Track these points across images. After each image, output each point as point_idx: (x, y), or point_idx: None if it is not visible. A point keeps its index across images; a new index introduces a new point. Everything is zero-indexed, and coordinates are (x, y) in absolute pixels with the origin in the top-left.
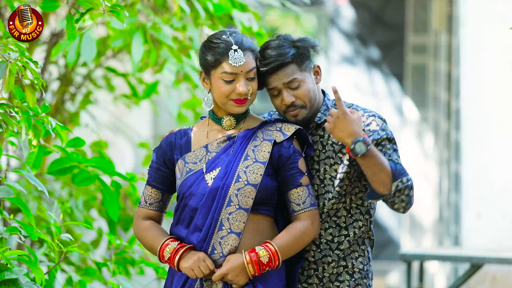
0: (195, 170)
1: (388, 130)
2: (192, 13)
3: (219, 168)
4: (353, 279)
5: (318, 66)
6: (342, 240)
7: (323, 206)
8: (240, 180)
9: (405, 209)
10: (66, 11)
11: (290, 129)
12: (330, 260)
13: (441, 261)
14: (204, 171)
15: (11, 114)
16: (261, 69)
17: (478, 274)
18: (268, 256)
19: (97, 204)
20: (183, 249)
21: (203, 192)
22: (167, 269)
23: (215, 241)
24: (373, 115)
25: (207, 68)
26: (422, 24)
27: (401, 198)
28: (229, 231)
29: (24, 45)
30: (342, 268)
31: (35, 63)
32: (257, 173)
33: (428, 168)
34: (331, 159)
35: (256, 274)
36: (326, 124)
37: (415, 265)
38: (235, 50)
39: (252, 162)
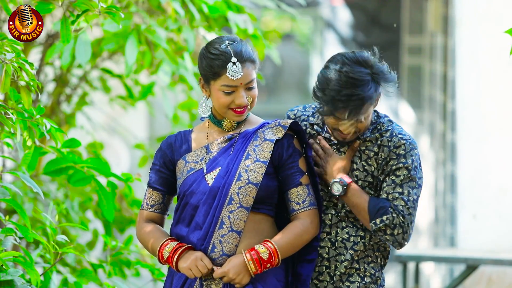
0: (196, 169)
1: (411, 158)
2: (187, 15)
3: (219, 168)
4: (364, 282)
5: (379, 95)
6: (358, 241)
7: (341, 207)
8: (241, 178)
9: (398, 246)
10: (61, 12)
11: (287, 122)
12: (343, 259)
13: (437, 262)
14: (204, 171)
15: (7, 115)
16: (336, 109)
17: (474, 275)
18: (268, 252)
19: (93, 206)
20: (181, 249)
21: (204, 190)
22: (163, 270)
23: (215, 239)
24: (404, 139)
25: (207, 77)
26: (418, 26)
27: (385, 237)
28: (230, 229)
29: (19, 47)
30: (354, 270)
31: (31, 64)
32: (258, 172)
33: (424, 169)
34: (354, 164)
35: (258, 271)
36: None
37: (411, 266)
38: (234, 63)
39: (253, 161)
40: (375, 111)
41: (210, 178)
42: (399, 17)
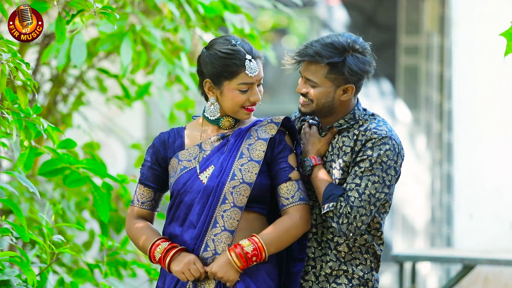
0: (190, 168)
1: (377, 152)
2: (183, 15)
3: (212, 166)
4: (351, 284)
5: (352, 88)
6: (342, 242)
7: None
8: (235, 178)
9: (343, 235)
10: (57, 12)
11: (279, 118)
12: (328, 259)
13: (433, 262)
14: (198, 171)
15: (3, 116)
16: (296, 54)
17: (470, 275)
18: (252, 246)
19: (89, 206)
20: (174, 251)
21: (198, 189)
22: (159, 270)
23: (208, 238)
24: (377, 134)
25: (220, 78)
26: (414, 26)
27: (333, 224)
28: (223, 228)
29: (15, 47)
30: (342, 271)
31: (27, 64)
32: (252, 172)
33: (420, 169)
34: (333, 163)
35: (244, 266)
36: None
37: (407, 266)
38: (250, 60)
39: (247, 160)
40: (364, 109)
41: (204, 177)
42: (396, 17)
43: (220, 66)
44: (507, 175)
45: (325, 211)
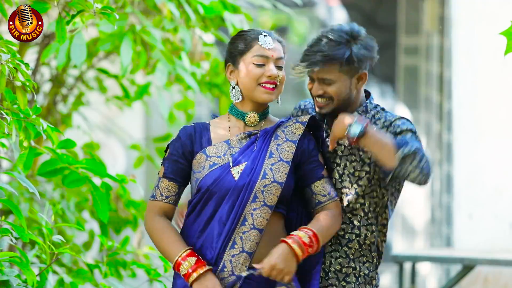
0: (220, 164)
1: (410, 126)
2: (183, 15)
3: (245, 162)
4: (357, 282)
5: (365, 74)
6: (353, 238)
7: (340, 201)
8: (266, 177)
9: (422, 180)
10: (57, 12)
11: (305, 118)
12: (338, 256)
13: (433, 262)
14: (231, 164)
15: (2, 116)
16: (306, 65)
17: (470, 275)
18: (308, 236)
19: (89, 206)
20: (201, 271)
21: (229, 186)
22: (159, 270)
23: (236, 235)
24: (397, 118)
25: (236, 56)
26: (414, 26)
27: (410, 169)
28: (252, 226)
29: (14, 47)
30: (351, 269)
31: (26, 65)
32: (282, 172)
33: None
34: (353, 156)
35: (301, 256)
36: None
37: (407, 266)
38: (265, 35)
39: (277, 160)
40: (371, 102)
41: (236, 172)
42: (396, 17)
43: (237, 44)
44: (507, 175)
45: (405, 153)
